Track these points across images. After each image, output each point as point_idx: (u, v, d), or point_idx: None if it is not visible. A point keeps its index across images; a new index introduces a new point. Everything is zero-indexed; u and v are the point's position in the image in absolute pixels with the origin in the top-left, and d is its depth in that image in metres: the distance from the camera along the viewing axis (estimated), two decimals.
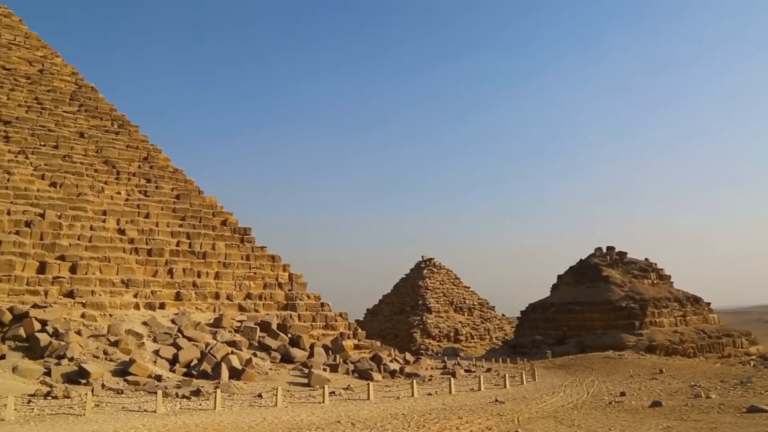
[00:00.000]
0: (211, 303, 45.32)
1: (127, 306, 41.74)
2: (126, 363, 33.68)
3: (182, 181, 54.46)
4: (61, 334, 34.56)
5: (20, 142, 50.23)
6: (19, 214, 43.68)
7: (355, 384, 35.70)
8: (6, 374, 29.49)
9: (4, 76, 55.59)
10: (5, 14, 63.46)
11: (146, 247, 46.24)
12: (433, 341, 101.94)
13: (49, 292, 39.80)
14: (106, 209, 47.65)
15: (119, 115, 58.20)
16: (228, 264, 48.70)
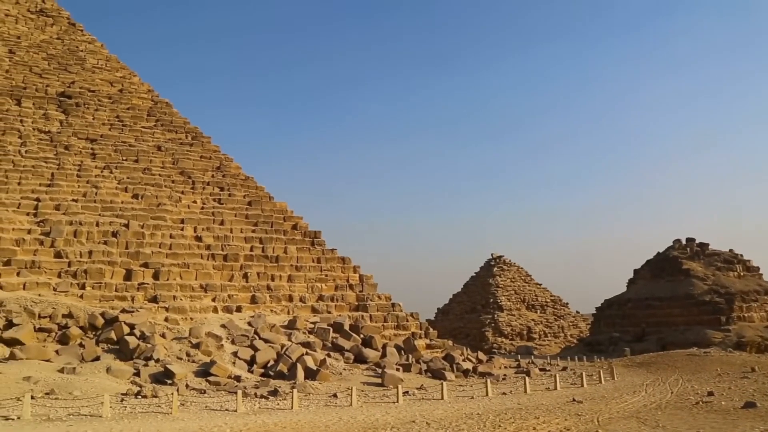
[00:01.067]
0: (285, 305, 46.65)
1: (206, 310, 43.59)
2: (207, 364, 35.16)
3: (253, 188, 56.29)
4: (148, 337, 36.54)
5: (105, 158, 53.51)
6: (106, 225, 46.69)
7: (428, 383, 35.79)
8: (101, 374, 31.50)
9: (89, 97, 59.34)
10: (89, 41, 67.88)
11: (222, 252, 48.15)
12: (505, 340, 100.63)
13: (135, 298, 42.25)
14: (184, 218, 50.00)
15: (192, 128, 60.82)
16: (300, 267, 49.95)
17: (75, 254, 43.78)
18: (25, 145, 52.16)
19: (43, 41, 65.42)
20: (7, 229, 44.24)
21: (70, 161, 51.94)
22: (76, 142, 54.31)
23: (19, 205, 46.75)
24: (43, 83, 59.41)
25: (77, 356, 34.56)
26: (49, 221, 45.74)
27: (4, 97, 56.20)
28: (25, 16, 68.32)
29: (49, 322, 37.13)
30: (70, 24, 69.82)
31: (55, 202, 47.58)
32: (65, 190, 49.09)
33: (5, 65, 59.95)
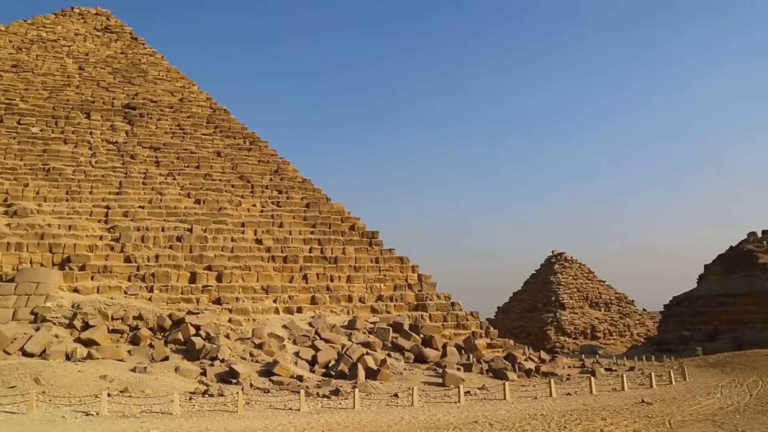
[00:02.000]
0: (344, 306, 47.08)
1: (267, 311, 44.49)
2: (270, 364, 35.85)
3: (311, 190, 57.09)
4: (213, 338, 37.62)
5: (168, 165, 55.52)
6: (171, 230, 48.42)
7: (489, 383, 35.33)
8: (170, 374, 32.64)
9: (152, 107, 61.70)
10: (150, 53, 70.74)
11: (282, 254, 49.06)
12: (568, 339, 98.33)
13: (200, 300, 43.59)
14: (244, 221, 51.24)
15: (250, 133, 62.28)
16: (358, 267, 50.30)
17: (143, 258, 45.59)
18: (95, 156, 54.75)
19: (109, 56, 68.49)
20: (81, 235, 46.55)
21: (136, 169, 54.12)
22: (141, 151, 56.57)
23: (91, 212, 49.10)
24: (110, 96, 62.18)
25: (148, 356, 35.96)
26: (119, 227, 47.82)
27: (75, 111, 59.16)
28: (92, 34, 71.74)
29: (121, 324, 38.81)
30: (133, 38, 72.86)
31: (124, 209, 49.68)
32: (132, 198, 51.21)
33: (76, 81, 63.10)
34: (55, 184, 50.88)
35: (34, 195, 49.50)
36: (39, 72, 63.27)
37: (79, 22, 73.35)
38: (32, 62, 64.50)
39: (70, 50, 67.96)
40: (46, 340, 35.64)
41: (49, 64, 64.86)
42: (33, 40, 68.02)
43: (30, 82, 61.49)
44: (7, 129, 55.31)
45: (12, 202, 48.32)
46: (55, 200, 49.64)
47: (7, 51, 65.45)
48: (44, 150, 53.92)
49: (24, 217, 46.93)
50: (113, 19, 75.29)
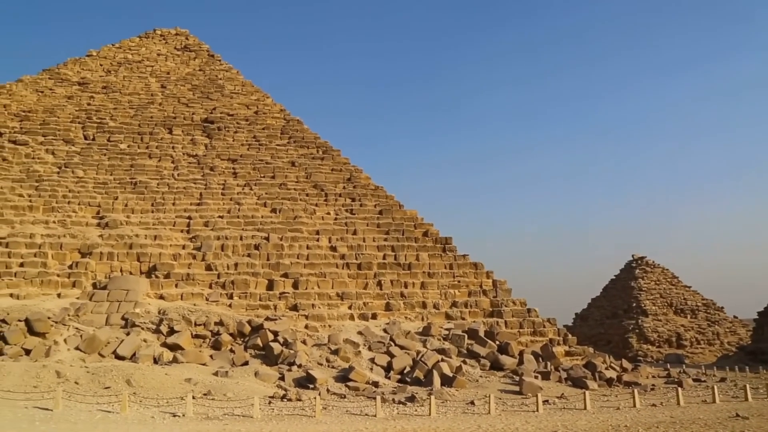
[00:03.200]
0: (418, 312, 47.03)
1: (343, 317, 45.10)
2: (346, 370, 36.26)
3: (383, 197, 57.51)
4: (290, 344, 38.51)
5: (245, 176, 57.49)
6: (249, 238, 50.06)
7: (569, 392, 34.29)
8: (250, 378, 33.65)
9: (229, 121, 64.13)
10: (226, 69, 73.65)
11: (356, 261, 49.65)
12: (651, 347, 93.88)
13: (277, 306, 44.78)
14: (319, 229, 52.26)
15: (323, 142, 63.51)
16: (432, 274, 50.16)
17: (223, 266, 47.35)
18: (177, 169, 57.45)
19: (188, 74, 71.81)
20: (165, 245, 48.94)
21: (215, 181, 56.35)
22: (219, 163, 58.87)
23: (174, 223, 51.51)
24: (190, 112, 65.13)
25: (228, 361, 37.22)
26: (200, 237, 49.91)
27: (159, 127, 62.36)
28: (172, 54, 75.51)
29: (204, 330, 40.42)
30: (210, 56, 76.11)
31: (204, 219, 51.83)
32: (212, 208, 53.32)
33: (159, 99, 66.53)
34: (142, 197, 53.76)
35: (123, 207, 52.52)
36: (126, 92, 67.18)
37: (161, 43, 77.40)
38: (120, 83, 68.59)
39: (153, 70, 71.77)
40: (136, 344, 37.62)
41: (135, 84, 68.73)
42: (120, 62, 72.37)
43: (118, 102, 65.38)
44: (99, 146, 59.09)
45: (104, 215, 51.51)
46: (141, 212, 52.46)
47: (98, 74, 69.97)
48: (131, 165, 57.17)
49: (114, 229, 49.85)
50: (191, 38, 78.96)
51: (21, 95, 65.59)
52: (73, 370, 31.63)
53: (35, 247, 47.48)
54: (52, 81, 68.14)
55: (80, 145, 59.44)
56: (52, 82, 68.04)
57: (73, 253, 47.64)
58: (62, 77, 68.73)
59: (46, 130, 60.29)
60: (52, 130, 60.39)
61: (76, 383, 29.84)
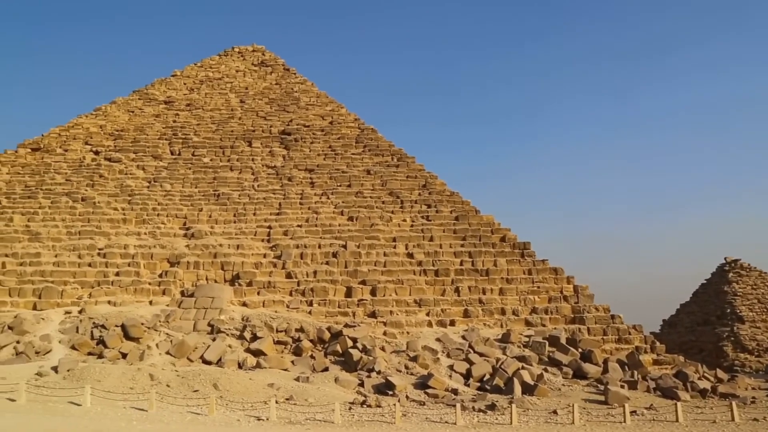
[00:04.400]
0: (497, 319, 46.29)
1: (421, 324, 45.05)
2: (425, 377, 36.16)
3: (459, 203, 57.12)
4: (369, 350, 38.86)
5: (322, 186, 58.73)
6: (327, 246, 51.05)
7: (658, 403, 32.64)
8: (330, 384, 34.19)
9: (305, 132, 65.79)
10: (301, 82, 75.69)
11: (433, 268, 49.52)
12: (749, 356, 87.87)
13: (356, 313, 45.35)
14: (395, 236, 52.55)
15: (397, 150, 63.90)
16: (511, 279, 49.27)
17: (302, 274, 48.49)
18: (257, 180, 59.50)
19: (265, 88, 74.31)
20: (247, 254, 50.72)
21: (293, 191, 57.88)
22: (297, 173, 60.45)
23: (255, 232, 53.31)
24: (268, 124, 67.33)
25: (309, 367, 38.01)
26: (280, 246, 51.38)
27: (239, 140, 64.86)
28: (250, 69, 78.44)
29: (285, 336, 41.52)
30: (285, 69, 78.48)
31: (284, 228, 53.32)
32: (291, 217, 54.79)
33: (238, 113, 69.22)
34: (225, 208, 56.02)
35: (208, 218, 54.91)
36: (208, 108, 70.34)
37: (239, 59, 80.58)
38: (202, 100, 71.92)
39: (232, 86, 74.79)
40: (221, 349, 39.13)
41: (216, 100, 71.85)
42: (202, 80, 75.89)
43: (201, 118, 68.55)
44: (184, 161, 62.15)
45: (190, 226, 54.05)
46: (224, 222, 54.64)
47: (182, 92, 73.69)
48: (214, 177, 59.73)
49: (200, 239, 52.18)
50: (268, 53, 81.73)
51: (114, 116, 70.05)
52: (165, 373, 33.26)
53: (129, 257, 50.47)
54: (141, 101, 72.36)
55: (167, 160, 62.73)
56: (141, 102, 72.24)
57: (162, 263, 50.29)
58: (150, 97, 72.84)
59: (137, 148, 64.07)
60: (142, 147, 64.11)
61: (168, 386, 31.37)
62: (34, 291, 47.21)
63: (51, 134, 67.30)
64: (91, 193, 57.87)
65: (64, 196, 57.42)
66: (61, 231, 53.45)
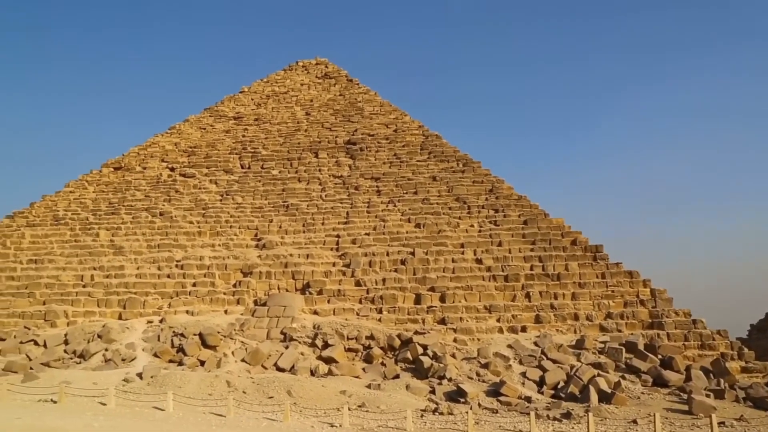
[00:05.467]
0: (570, 324, 45.05)
1: (491, 330, 44.45)
2: (497, 384, 35.62)
3: (527, 207, 56.11)
4: (440, 357, 38.68)
5: (388, 194, 59.10)
6: (395, 254, 51.28)
7: (749, 414, 30.80)
8: (401, 391, 34.24)
9: (370, 141, 66.47)
10: (365, 92, 76.57)
11: (502, 273, 48.81)
12: None
13: (425, 320, 45.25)
14: (463, 242, 52.16)
15: (462, 155, 63.50)
16: (583, 284, 47.88)
17: (371, 282, 48.89)
18: (324, 191, 60.60)
19: (329, 99, 75.66)
20: (317, 263, 51.66)
21: (360, 200, 58.55)
22: (363, 182, 61.12)
23: (324, 242, 54.24)
24: (333, 135, 68.49)
25: (380, 374, 38.22)
26: (348, 254, 52.04)
27: (306, 152, 66.29)
28: (314, 82, 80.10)
29: (356, 343, 41.95)
30: (348, 80, 79.63)
31: (352, 237, 53.99)
32: (358, 226, 55.42)
33: (304, 126, 70.77)
34: (294, 218, 57.33)
35: (278, 229, 56.35)
36: (275, 122, 72.32)
37: (303, 73, 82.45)
38: (269, 114, 74.02)
39: (297, 99, 76.59)
40: (294, 357, 39.97)
41: (282, 113, 73.77)
42: (269, 95, 78.12)
43: (269, 132, 70.55)
44: (254, 174, 64.13)
45: (261, 237, 55.64)
46: (294, 232, 55.89)
47: (250, 108, 76.13)
48: (283, 189, 61.28)
49: (271, 249, 53.59)
50: (331, 66, 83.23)
51: (188, 133, 73.17)
52: (241, 380, 34.30)
53: (204, 268, 52.47)
54: (212, 118, 75.24)
55: (238, 173, 64.90)
56: (212, 119, 75.13)
57: (236, 273, 51.97)
58: (220, 114, 75.64)
59: (209, 163, 66.66)
60: (214, 162, 66.62)
61: (244, 392, 32.34)
62: (119, 302, 49.93)
63: (130, 153, 71.09)
64: (168, 207, 60.67)
65: (143, 212, 60.48)
66: (142, 244, 56.26)
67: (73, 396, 31.01)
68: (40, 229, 60.59)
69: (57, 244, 58.04)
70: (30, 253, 57.15)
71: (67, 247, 57.36)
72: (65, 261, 55.49)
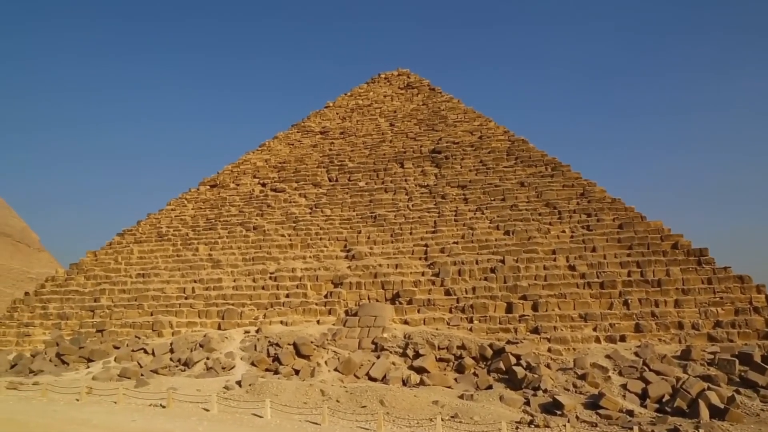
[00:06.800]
0: (674, 333, 42.38)
1: (587, 340, 42.63)
2: (595, 396, 34.03)
3: (622, 210, 53.62)
4: (534, 368, 37.51)
5: (475, 201, 58.39)
6: (485, 262, 50.44)
7: None
8: (495, 402, 33.47)
9: (455, 149, 66.06)
10: (447, 100, 76.37)
11: (598, 280, 46.76)
12: None
13: (518, 330, 44.10)
14: (555, 248, 50.50)
15: (551, 159, 61.74)
16: (687, 290, 44.97)
17: (461, 291, 48.30)
18: (411, 200, 60.75)
19: (413, 109, 75.97)
20: (406, 272, 51.73)
21: (447, 208, 58.18)
22: (449, 190, 60.75)
23: (412, 251, 54.26)
24: (418, 144, 68.64)
25: (472, 384, 37.56)
26: (437, 263, 51.74)
27: (391, 163, 66.83)
28: (397, 93, 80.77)
29: (447, 353, 41.50)
30: (431, 89, 79.70)
31: (440, 246, 53.67)
32: (446, 234, 55.03)
33: (389, 137, 71.41)
34: (382, 229, 57.82)
35: (366, 240, 57.02)
36: (360, 134, 73.50)
37: (386, 85, 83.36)
38: (354, 127, 75.34)
39: (381, 111, 77.48)
40: (386, 366, 40.08)
41: (367, 126, 74.85)
42: (353, 108, 79.59)
43: (354, 144, 71.79)
44: (342, 186, 65.38)
45: (350, 248, 56.49)
46: (382, 243, 56.33)
47: (335, 122, 77.86)
48: (370, 200, 62.01)
49: (360, 260, 54.28)
50: (413, 76, 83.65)
51: (277, 149, 75.83)
52: (334, 389, 34.80)
53: (297, 279, 53.91)
54: (299, 134, 77.58)
55: (326, 186, 66.39)
56: (299, 134, 77.46)
57: (327, 284, 53.01)
58: (307, 129, 77.86)
59: (298, 177, 68.67)
60: (303, 176, 68.55)
61: (338, 401, 32.76)
62: (218, 313, 52.25)
63: (225, 171, 74.57)
64: (260, 222, 62.97)
65: (238, 226, 63.13)
66: (238, 258, 58.67)
67: (180, 401, 32.68)
68: (146, 245, 64.66)
69: (161, 258, 61.69)
70: (138, 268, 61.08)
71: (170, 261, 60.85)
72: (169, 274, 58.82)
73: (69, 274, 63.37)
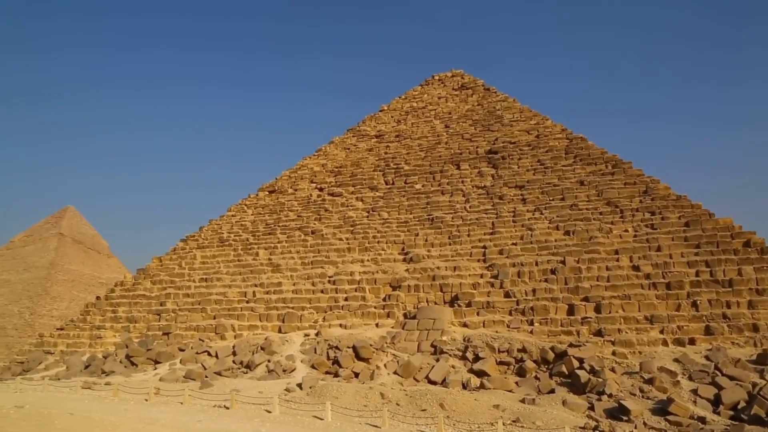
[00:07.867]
0: (748, 336, 40.28)
1: (654, 343, 41.10)
2: (664, 402, 32.77)
3: (688, 207, 51.48)
4: (598, 371, 36.47)
5: (534, 201, 57.36)
6: (545, 263, 49.47)
7: None
8: (557, 406, 32.75)
9: (512, 149, 65.13)
10: (503, 99, 75.40)
11: (663, 280, 45.05)
12: None
13: (580, 332, 42.97)
14: (618, 248, 48.99)
15: (611, 156, 59.98)
16: (762, 290, 42.67)
17: (521, 293, 47.52)
18: (468, 202, 60.26)
19: (468, 110, 75.36)
20: (464, 275, 51.33)
21: (505, 209, 57.39)
22: (507, 191, 59.91)
23: (470, 253, 53.78)
24: (474, 145, 68.03)
25: (534, 388, 36.86)
26: (496, 265, 51.09)
27: (447, 164, 66.52)
28: (451, 94, 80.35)
29: (507, 356, 40.90)
30: (485, 89, 78.86)
31: (499, 248, 52.99)
32: (505, 236, 54.28)
33: (444, 138, 71.11)
34: (439, 231, 57.60)
35: (424, 242, 56.92)
36: (415, 137, 73.49)
37: (440, 86, 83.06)
38: (409, 130, 75.39)
39: (436, 113, 77.24)
40: (445, 369, 39.86)
41: (422, 128, 74.77)
42: (407, 111, 79.67)
43: (410, 147, 71.84)
44: (398, 189, 65.53)
45: (408, 250, 56.52)
46: (440, 245, 56.10)
47: (390, 125, 78.13)
48: (427, 202, 61.89)
49: (418, 263, 54.23)
50: (467, 76, 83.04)
51: (333, 154, 76.77)
52: (394, 392, 34.86)
53: (355, 283, 54.36)
54: (355, 138, 78.27)
55: (382, 190, 66.69)
56: (355, 138, 78.14)
57: (385, 287, 53.22)
58: (362, 133, 78.45)
59: (355, 181, 69.28)
60: (359, 180, 69.10)
61: (397, 404, 32.82)
62: (278, 316, 53.32)
63: (283, 177, 76.07)
64: (318, 226, 63.87)
65: (297, 231, 64.24)
66: (297, 262, 59.70)
67: (242, 403, 33.53)
68: (209, 250, 66.71)
69: (223, 263, 63.50)
70: (201, 272, 63.09)
71: (231, 266, 62.55)
72: (230, 279, 60.47)
73: (136, 279, 66.17)
